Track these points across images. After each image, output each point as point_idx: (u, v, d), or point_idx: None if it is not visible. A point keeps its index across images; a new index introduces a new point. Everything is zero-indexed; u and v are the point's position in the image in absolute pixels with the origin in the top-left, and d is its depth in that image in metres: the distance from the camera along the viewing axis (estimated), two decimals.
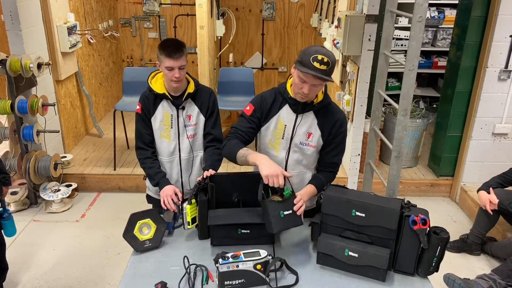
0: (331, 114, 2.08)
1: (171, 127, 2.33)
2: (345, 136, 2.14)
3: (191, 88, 2.31)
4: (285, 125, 2.09)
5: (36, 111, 3.61)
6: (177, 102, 2.30)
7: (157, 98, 2.30)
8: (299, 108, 2.05)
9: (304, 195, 1.99)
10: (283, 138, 2.10)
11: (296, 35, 6.13)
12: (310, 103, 2.05)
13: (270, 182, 1.80)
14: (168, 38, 2.28)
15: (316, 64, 1.84)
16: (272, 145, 2.14)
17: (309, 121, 2.08)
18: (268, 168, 1.81)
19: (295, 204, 1.88)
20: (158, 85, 2.30)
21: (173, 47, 2.16)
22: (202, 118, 2.37)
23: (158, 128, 2.35)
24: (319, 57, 1.84)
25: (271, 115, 2.10)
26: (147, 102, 2.32)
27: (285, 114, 2.08)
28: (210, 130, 2.38)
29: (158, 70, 2.33)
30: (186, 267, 1.82)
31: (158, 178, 2.31)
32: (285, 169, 2.11)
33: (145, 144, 2.37)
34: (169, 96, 2.28)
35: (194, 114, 2.35)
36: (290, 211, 1.86)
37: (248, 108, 2.11)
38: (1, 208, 2.54)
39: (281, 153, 2.14)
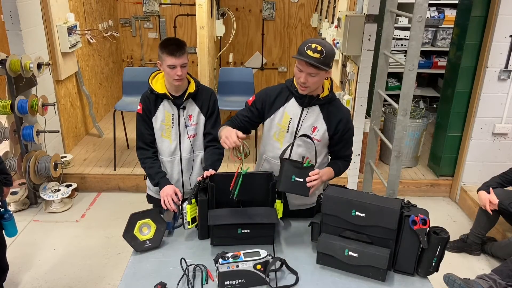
0: (337, 110, 2.14)
1: (172, 127, 2.34)
2: (353, 131, 2.21)
3: (192, 88, 2.31)
4: (291, 118, 2.13)
5: (36, 111, 3.61)
6: (178, 102, 2.31)
7: (158, 98, 2.31)
8: (305, 101, 2.10)
9: (323, 174, 2.04)
10: (287, 131, 2.15)
11: (296, 35, 6.13)
12: (316, 96, 2.09)
13: (227, 144, 1.95)
14: (169, 37, 2.29)
15: (309, 52, 1.92)
16: (276, 138, 2.18)
17: (314, 115, 2.12)
18: (225, 132, 1.99)
19: (308, 176, 1.94)
20: (159, 85, 2.31)
21: (175, 46, 2.18)
22: (202, 118, 2.38)
23: (159, 128, 2.35)
24: (313, 45, 1.93)
25: (276, 107, 2.15)
26: (148, 102, 2.32)
27: (291, 107, 2.13)
28: (210, 130, 2.39)
29: (159, 70, 2.33)
30: (184, 269, 1.82)
31: (158, 178, 2.31)
32: None
33: (146, 144, 2.38)
34: (170, 96, 2.29)
35: (194, 114, 2.35)
36: (302, 180, 1.93)
37: (251, 98, 2.21)
38: (2, 209, 2.54)
39: (285, 146, 2.16)
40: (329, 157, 2.29)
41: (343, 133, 2.14)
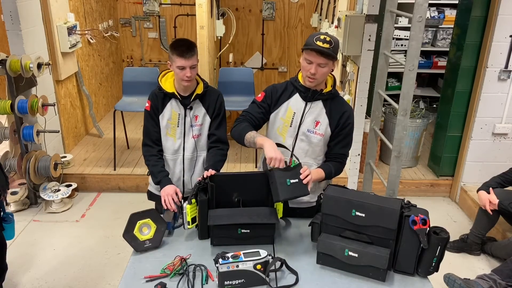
0: (340, 105, 2.18)
1: (178, 126, 2.37)
2: (353, 128, 2.23)
3: (200, 89, 2.35)
4: (294, 113, 2.17)
5: (36, 111, 3.61)
6: (186, 102, 2.34)
7: (166, 97, 2.34)
8: (309, 95, 2.13)
9: (312, 173, 2.03)
10: (291, 126, 2.18)
11: (296, 35, 6.13)
12: (320, 91, 2.12)
13: (272, 164, 1.94)
14: (179, 38, 2.33)
15: (319, 43, 1.99)
16: (279, 132, 2.21)
17: (317, 110, 2.16)
18: (273, 151, 1.95)
19: (301, 174, 1.93)
20: (168, 84, 2.34)
21: (185, 47, 2.21)
22: (208, 119, 2.40)
23: (165, 126, 2.38)
24: (322, 36, 2.01)
25: (281, 102, 2.19)
26: (156, 100, 2.36)
27: (295, 102, 2.17)
28: (214, 131, 2.41)
29: (168, 69, 2.36)
30: (185, 269, 1.82)
31: (161, 176, 2.33)
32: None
33: (152, 142, 2.40)
34: (178, 96, 2.31)
35: (200, 114, 2.38)
36: (297, 180, 1.92)
37: (260, 95, 2.24)
38: (3, 213, 2.55)
39: (288, 140, 2.19)
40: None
41: (342, 127, 2.17)
